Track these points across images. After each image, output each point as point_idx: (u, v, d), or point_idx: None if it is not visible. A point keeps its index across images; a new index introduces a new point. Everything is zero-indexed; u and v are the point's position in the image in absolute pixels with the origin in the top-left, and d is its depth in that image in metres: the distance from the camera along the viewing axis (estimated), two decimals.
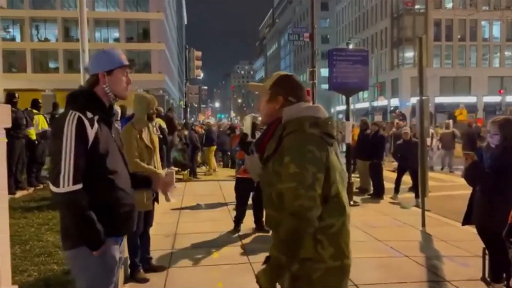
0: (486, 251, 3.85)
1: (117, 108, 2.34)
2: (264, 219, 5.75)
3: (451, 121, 16.55)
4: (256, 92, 2.21)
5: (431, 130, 13.72)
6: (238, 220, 6.33)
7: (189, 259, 4.95)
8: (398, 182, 9.01)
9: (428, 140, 11.55)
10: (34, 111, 8.82)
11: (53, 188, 1.98)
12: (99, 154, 2.06)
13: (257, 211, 6.25)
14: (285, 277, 1.88)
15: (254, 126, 6.14)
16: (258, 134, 6.23)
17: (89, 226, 2.00)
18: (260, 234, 6.07)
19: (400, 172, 9.08)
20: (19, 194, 8.08)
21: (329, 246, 1.83)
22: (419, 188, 7.67)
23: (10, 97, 7.88)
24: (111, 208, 2.11)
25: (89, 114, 2.06)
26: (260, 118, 6.02)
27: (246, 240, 5.77)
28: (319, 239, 1.82)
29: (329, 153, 1.86)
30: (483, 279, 3.99)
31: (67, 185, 1.96)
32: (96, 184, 2.05)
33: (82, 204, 1.99)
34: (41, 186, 9.03)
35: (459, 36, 49.12)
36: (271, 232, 2.07)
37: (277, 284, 1.84)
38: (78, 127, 2.00)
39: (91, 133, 2.03)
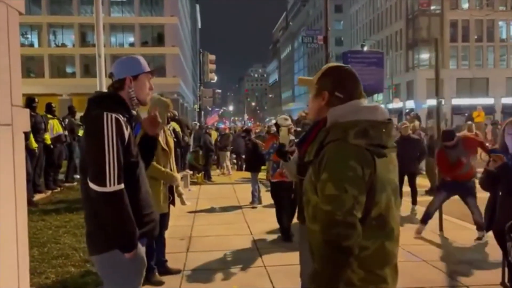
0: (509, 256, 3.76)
1: (134, 113, 2.35)
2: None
3: (473, 124, 15.66)
4: (305, 88, 2.04)
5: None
6: (285, 230, 5.90)
7: (203, 262, 4.96)
8: (413, 194, 7.80)
9: None
10: (49, 115, 8.96)
11: (98, 188, 1.96)
12: (131, 155, 2.10)
13: (287, 216, 5.86)
14: None
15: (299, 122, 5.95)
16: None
17: (130, 227, 2.00)
18: (275, 237, 6.05)
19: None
20: (37, 197, 8.22)
21: (358, 269, 1.60)
22: (417, 195, 7.73)
23: (30, 101, 8.04)
24: (140, 209, 2.12)
25: (121, 116, 2.09)
26: (288, 122, 5.74)
27: (261, 244, 5.75)
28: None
29: (376, 169, 1.56)
30: (502, 283, 3.91)
31: (113, 184, 1.96)
32: (128, 184, 2.06)
33: (126, 204, 1.99)
34: (59, 189, 9.18)
35: (475, 37, 48.38)
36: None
37: None
38: (118, 127, 2.02)
39: (126, 134, 2.07)
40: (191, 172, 11.84)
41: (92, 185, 1.98)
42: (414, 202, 7.75)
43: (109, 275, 2.13)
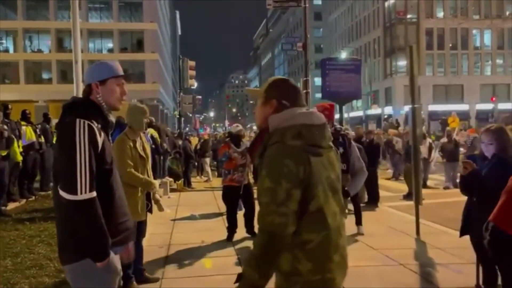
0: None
1: (112, 119, 2.31)
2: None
3: (456, 129, 15.22)
4: (251, 98, 2.18)
5: (429, 140, 12.03)
6: (231, 229, 6.38)
7: (183, 270, 4.91)
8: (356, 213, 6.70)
9: (424, 151, 10.87)
10: (23, 122, 8.73)
11: (69, 196, 1.93)
12: (105, 162, 2.06)
13: (247, 214, 6.42)
14: None
15: (238, 137, 6.51)
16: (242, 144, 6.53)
17: (102, 236, 1.97)
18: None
19: None
20: (11, 206, 8.01)
21: (306, 261, 1.74)
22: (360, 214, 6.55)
23: (4, 108, 7.85)
24: (114, 217, 2.09)
25: (95, 123, 2.06)
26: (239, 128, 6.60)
27: (241, 251, 5.73)
28: (295, 255, 1.75)
29: (311, 167, 1.74)
30: (477, 286, 3.98)
31: (84, 192, 1.92)
32: (101, 193, 2.02)
33: (98, 212, 1.96)
34: (33, 197, 8.96)
35: (450, 45, 49.71)
36: None
37: None
38: (90, 134, 1.99)
39: (100, 141, 2.03)
40: (171, 179, 11.73)
41: (62, 193, 1.95)
42: (357, 222, 6.62)
43: (81, 285, 2.08)
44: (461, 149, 13.12)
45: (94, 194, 1.97)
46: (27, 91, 38.75)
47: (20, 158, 8.18)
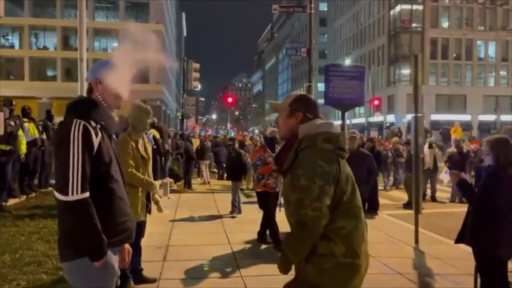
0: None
1: (116, 119, 2.31)
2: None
3: (465, 139, 14.29)
4: (274, 110, 2.40)
5: (436, 150, 11.65)
6: (272, 233, 6.14)
7: (180, 271, 4.91)
8: None
9: (428, 161, 10.72)
10: (24, 119, 8.73)
11: (60, 197, 1.95)
12: (102, 163, 2.06)
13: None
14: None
15: (273, 140, 6.23)
16: (277, 148, 6.22)
17: (96, 235, 1.97)
18: (253, 247, 6.04)
19: None
20: (11, 202, 8.02)
21: (340, 245, 2.04)
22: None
23: (7, 104, 7.87)
24: (112, 217, 2.09)
25: (93, 123, 2.07)
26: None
27: (239, 254, 5.73)
28: (332, 238, 2.03)
29: (340, 166, 2.07)
30: None
31: (75, 193, 1.94)
32: (99, 193, 2.03)
33: (90, 212, 1.96)
34: (33, 194, 8.97)
35: (454, 55, 49.73)
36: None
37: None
38: (84, 135, 1.99)
39: (96, 141, 2.03)
40: (171, 180, 11.74)
41: (56, 193, 1.98)
42: None
43: (78, 283, 2.09)
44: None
45: (87, 194, 1.97)
46: (31, 87, 38.86)
47: (24, 151, 8.25)
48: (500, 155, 3.45)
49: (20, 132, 8.03)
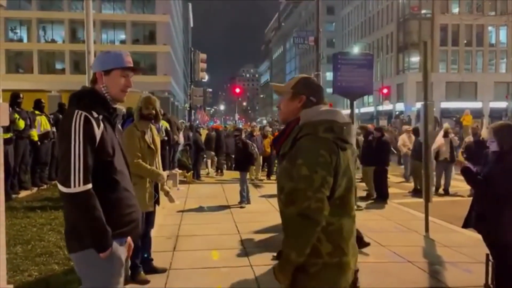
0: (490, 257, 3.81)
1: (122, 109, 2.30)
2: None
3: (485, 123, 12.97)
4: (276, 93, 2.26)
5: (452, 135, 10.58)
6: None
7: (190, 261, 4.94)
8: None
9: (444, 150, 9.97)
10: (37, 112, 8.81)
11: (63, 189, 1.95)
12: (105, 154, 2.05)
13: None
14: None
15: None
16: None
17: (99, 227, 1.97)
18: (262, 237, 6.05)
19: None
20: (22, 194, 8.11)
21: (326, 242, 1.92)
22: None
23: (15, 97, 7.91)
24: (117, 209, 2.09)
25: (95, 114, 2.05)
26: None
27: (248, 244, 5.75)
28: (317, 236, 1.91)
29: (339, 158, 1.94)
30: (486, 285, 3.94)
31: (78, 185, 1.94)
32: (102, 184, 2.03)
33: (93, 204, 1.96)
34: (45, 186, 9.07)
35: (465, 41, 48.94)
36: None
37: None
38: (86, 126, 1.98)
39: (98, 132, 2.02)
40: (180, 171, 11.78)
41: (59, 185, 1.98)
42: None
43: (85, 273, 2.11)
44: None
45: (89, 186, 1.97)
46: (40, 81, 39.12)
47: (36, 138, 8.46)
48: (504, 140, 3.47)
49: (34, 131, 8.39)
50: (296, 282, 1.95)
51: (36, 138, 8.53)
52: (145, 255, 4.41)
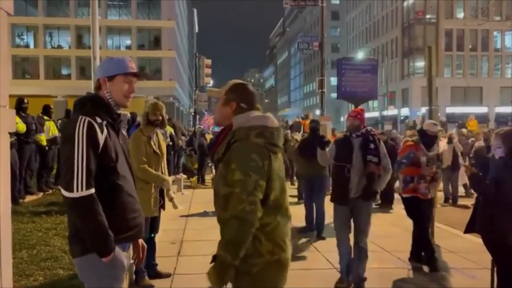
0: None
1: (126, 114, 2.33)
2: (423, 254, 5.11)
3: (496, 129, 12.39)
4: (211, 97, 2.36)
5: (456, 140, 9.54)
6: (419, 254, 5.17)
7: (194, 266, 4.93)
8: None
9: (447, 157, 9.35)
10: (45, 117, 8.91)
11: (66, 193, 1.97)
12: (109, 159, 2.07)
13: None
14: (231, 274, 2.01)
15: (434, 138, 5.11)
16: (436, 147, 5.25)
17: (101, 232, 1.98)
18: None
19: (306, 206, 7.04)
20: (28, 198, 8.15)
21: (266, 241, 2.02)
22: None
23: (20, 102, 7.99)
24: (120, 213, 2.10)
25: (98, 119, 2.07)
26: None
27: None
28: (256, 236, 2.00)
29: (271, 162, 2.03)
30: None
31: (80, 189, 1.95)
32: (105, 189, 2.05)
33: (95, 209, 1.97)
34: (51, 191, 9.11)
35: (470, 46, 48.80)
36: None
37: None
38: (89, 131, 2.00)
39: (101, 138, 2.04)
40: (185, 176, 11.82)
41: (62, 190, 2.00)
42: None
43: (87, 278, 2.12)
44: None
45: (92, 191, 1.98)
46: (47, 86, 39.39)
47: (44, 143, 8.58)
48: (511, 147, 3.43)
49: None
50: (240, 286, 2.04)
51: (44, 143, 8.61)
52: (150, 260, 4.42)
